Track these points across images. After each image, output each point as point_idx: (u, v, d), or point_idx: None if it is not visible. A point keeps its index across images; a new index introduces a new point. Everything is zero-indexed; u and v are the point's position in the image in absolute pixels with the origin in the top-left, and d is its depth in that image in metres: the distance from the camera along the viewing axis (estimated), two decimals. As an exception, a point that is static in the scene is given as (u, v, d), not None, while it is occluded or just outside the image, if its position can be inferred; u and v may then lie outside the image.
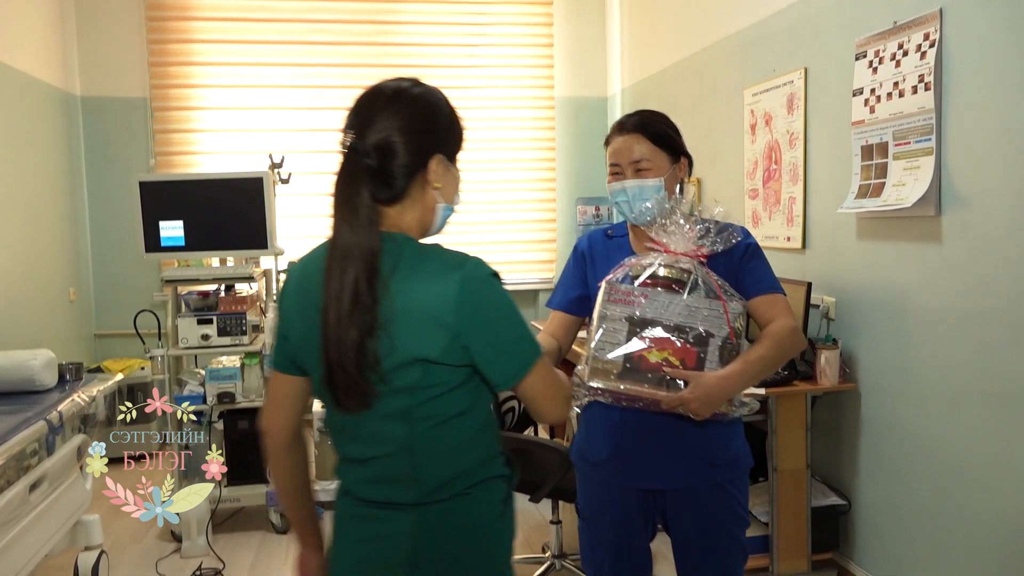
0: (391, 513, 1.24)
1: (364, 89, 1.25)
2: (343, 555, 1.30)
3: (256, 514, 3.70)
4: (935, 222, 2.42)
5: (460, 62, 5.25)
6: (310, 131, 5.07)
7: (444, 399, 1.20)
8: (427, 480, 1.22)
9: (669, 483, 1.76)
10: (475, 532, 1.26)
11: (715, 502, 1.76)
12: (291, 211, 4.92)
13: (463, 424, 1.23)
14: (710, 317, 1.62)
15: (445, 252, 1.22)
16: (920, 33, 2.42)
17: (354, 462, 1.27)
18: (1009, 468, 2.20)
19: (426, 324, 1.15)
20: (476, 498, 1.25)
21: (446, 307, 1.15)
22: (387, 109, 1.21)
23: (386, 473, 1.23)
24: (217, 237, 3.50)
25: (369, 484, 1.26)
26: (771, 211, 3.41)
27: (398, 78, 1.28)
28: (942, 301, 2.42)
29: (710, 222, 1.70)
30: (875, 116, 2.62)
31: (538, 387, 1.24)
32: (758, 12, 3.45)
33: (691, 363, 1.61)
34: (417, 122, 1.22)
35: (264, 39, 4.99)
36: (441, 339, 1.16)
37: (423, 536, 1.22)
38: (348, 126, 1.22)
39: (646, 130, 1.78)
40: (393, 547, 1.23)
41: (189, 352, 3.48)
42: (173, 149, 4.95)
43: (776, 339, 1.67)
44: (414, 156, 1.21)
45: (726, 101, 3.76)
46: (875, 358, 2.76)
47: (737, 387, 1.61)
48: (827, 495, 2.94)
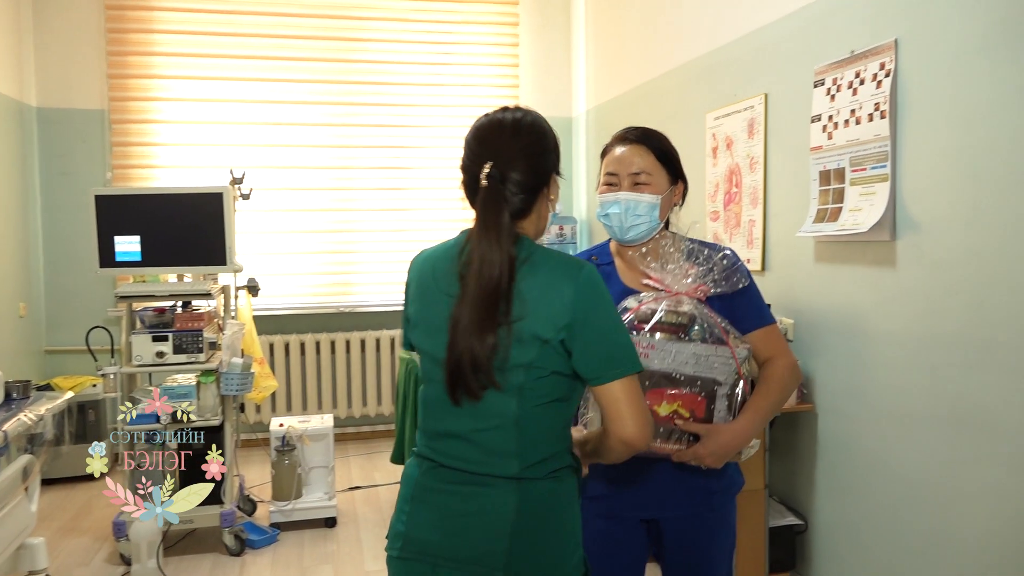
0: (494, 487, 1.35)
1: (481, 121, 1.42)
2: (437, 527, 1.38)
3: (209, 535, 3.62)
4: (890, 247, 2.48)
5: (425, 80, 5.26)
6: (272, 147, 5.04)
7: (551, 380, 1.34)
8: (529, 455, 1.35)
9: (668, 511, 1.73)
10: (565, 512, 1.39)
11: (713, 528, 1.76)
12: (251, 227, 4.89)
13: (561, 409, 1.38)
14: (718, 364, 1.60)
15: (565, 255, 1.40)
16: (876, 62, 2.49)
17: (455, 437, 1.38)
18: (960, 487, 2.25)
19: (547, 309, 1.31)
20: (564, 482, 1.40)
21: (566, 298, 1.31)
22: (513, 140, 1.37)
23: (492, 445, 1.35)
24: (174, 253, 3.46)
25: (473, 457, 1.37)
26: (732, 233, 3.46)
27: (505, 109, 1.43)
28: (896, 325, 2.47)
29: (712, 260, 1.66)
30: (832, 142, 2.69)
31: (625, 397, 1.33)
32: (720, 38, 3.53)
33: (700, 413, 1.60)
34: (538, 148, 1.40)
35: (226, 53, 4.95)
36: (558, 323, 1.31)
37: (524, 508, 1.34)
38: (478, 156, 1.38)
39: (651, 143, 1.74)
40: (498, 519, 1.34)
41: (143, 370, 3.41)
42: (131, 162, 4.87)
43: (781, 383, 1.70)
44: (540, 178, 1.40)
45: (689, 124, 3.83)
46: (832, 380, 2.81)
47: (750, 438, 1.63)
48: (784, 515, 2.98)
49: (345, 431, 5.30)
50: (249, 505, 3.90)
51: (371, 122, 5.21)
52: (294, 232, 5.11)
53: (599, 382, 1.33)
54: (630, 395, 1.33)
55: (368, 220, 5.25)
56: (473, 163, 1.38)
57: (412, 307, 1.47)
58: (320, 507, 3.79)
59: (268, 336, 5.03)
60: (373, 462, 4.88)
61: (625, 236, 1.74)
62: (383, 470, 4.67)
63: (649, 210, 1.71)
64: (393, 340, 5.25)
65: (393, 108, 5.23)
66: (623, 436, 1.34)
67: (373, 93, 5.20)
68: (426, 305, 1.43)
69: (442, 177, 5.31)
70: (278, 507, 3.74)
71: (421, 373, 1.46)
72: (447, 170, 5.31)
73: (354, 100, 5.18)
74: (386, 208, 5.26)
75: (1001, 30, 2.07)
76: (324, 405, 5.18)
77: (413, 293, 1.47)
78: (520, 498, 1.35)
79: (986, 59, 2.12)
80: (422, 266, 1.47)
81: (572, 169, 5.49)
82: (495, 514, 1.35)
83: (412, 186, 5.30)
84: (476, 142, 1.40)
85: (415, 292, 1.46)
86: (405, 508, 1.42)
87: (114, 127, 4.84)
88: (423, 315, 1.43)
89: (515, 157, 1.36)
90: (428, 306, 1.42)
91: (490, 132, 1.40)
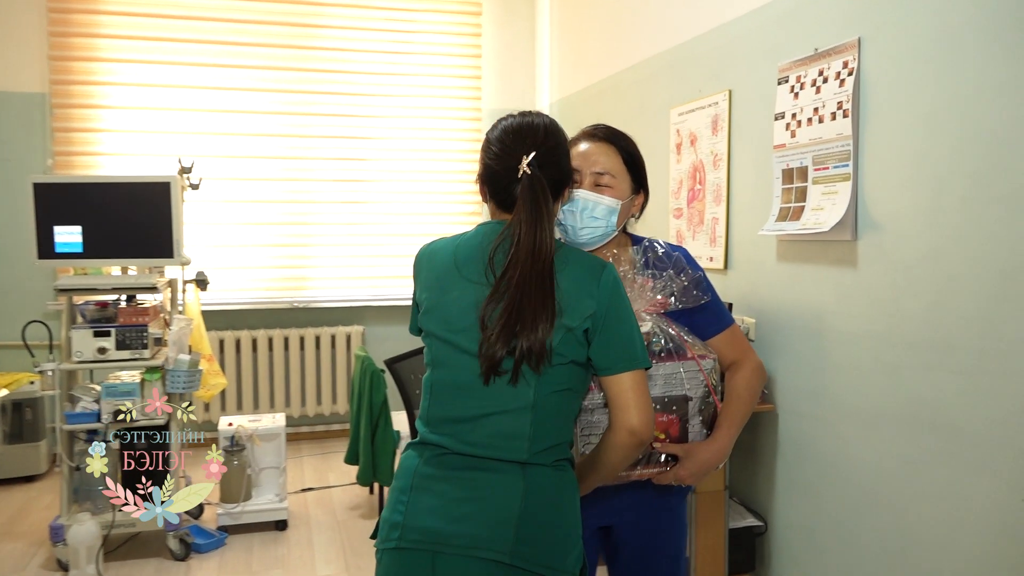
0: (500, 472, 1.40)
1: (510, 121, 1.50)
2: (440, 514, 1.39)
3: (153, 540, 3.55)
4: (851, 247, 2.52)
5: (383, 69, 5.22)
6: (223, 135, 4.96)
7: (568, 369, 1.42)
8: (540, 440, 1.41)
9: (625, 516, 1.74)
10: (568, 502, 1.45)
11: (667, 526, 1.78)
12: (201, 218, 4.81)
13: (571, 399, 1.47)
14: (686, 380, 1.61)
15: (585, 252, 1.51)
16: (839, 61, 2.52)
17: (464, 421, 1.43)
18: (920, 489, 2.30)
19: (576, 299, 1.41)
20: (567, 472, 1.46)
21: (592, 289, 1.42)
22: (546, 139, 1.47)
23: (505, 429, 1.41)
24: (119, 244, 3.38)
25: (481, 440, 1.41)
26: (695, 231, 3.50)
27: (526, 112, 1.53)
28: (857, 325, 2.52)
29: (667, 275, 1.64)
30: (796, 140, 2.72)
31: (634, 388, 1.42)
32: (685, 32, 3.55)
33: (675, 432, 1.61)
34: (563, 148, 1.51)
35: (176, 36, 4.85)
36: (584, 312, 1.41)
37: (531, 494, 1.39)
38: (513, 149, 1.45)
39: (619, 143, 1.71)
40: (505, 504, 1.38)
41: (84, 366, 3.34)
42: (73, 149, 4.75)
43: (751, 389, 1.72)
44: (565, 178, 1.52)
45: (653, 119, 3.85)
46: (793, 380, 2.85)
47: (728, 452, 1.66)
48: (744, 516, 3.01)
49: (298, 431, 5.25)
50: (196, 508, 3.84)
51: (328, 111, 5.15)
52: (246, 224, 5.04)
53: (612, 372, 1.42)
54: (638, 387, 1.43)
55: (324, 212, 5.19)
56: (507, 155, 1.45)
57: (425, 295, 1.51)
58: (270, 509, 3.75)
59: (218, 332, 4.95)
60: (327, 463, 4.84)
61: (576, 237, 1.67)
62: (337, 471, 4.63)
63: (607, 214, 1.66)
64: (349, 336, 5.21)
65: (351, 97, 5.18)
66: (630, 424, 1.41)
67: (330, 81, 5.14)
68: (445, 292, 1.47)
69: (401, 169, 5.28)
70: (226, 509, 3.68)
71: (431, 358, 1.50)
72: (406, 162, 5.28)
73: (310, 88, 5.11)
74: (343, 200, 5.20)
75: (965, 30, 2.11)
76: (276, 404, 5.12)
77: (426, 281, 1.52)
78: (527, 484, 1.39)
79: (949, 59, 2.16)
80: (438, 255, 1.52)
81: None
82: (503, 498, 1.38)
83: (370, 178, 5.25)
84: (511, 137, 1.47)
85: (430, 280, 1.51)
86: (402, 499, 1.44)
87: (56, 112, 4.71)
88: (440, 301, 1.47)
89: (551, 154, 1.46)
90: (447, 293, 1.46)
91: (526, 129, 1.48)
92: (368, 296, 5.26)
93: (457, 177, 5.41)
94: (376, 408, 3.69)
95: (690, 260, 1.73)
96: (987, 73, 2.05)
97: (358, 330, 5.23)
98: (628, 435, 1.42)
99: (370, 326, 5.30)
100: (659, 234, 3.74)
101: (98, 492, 3.41)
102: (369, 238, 5.25)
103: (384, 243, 5.27)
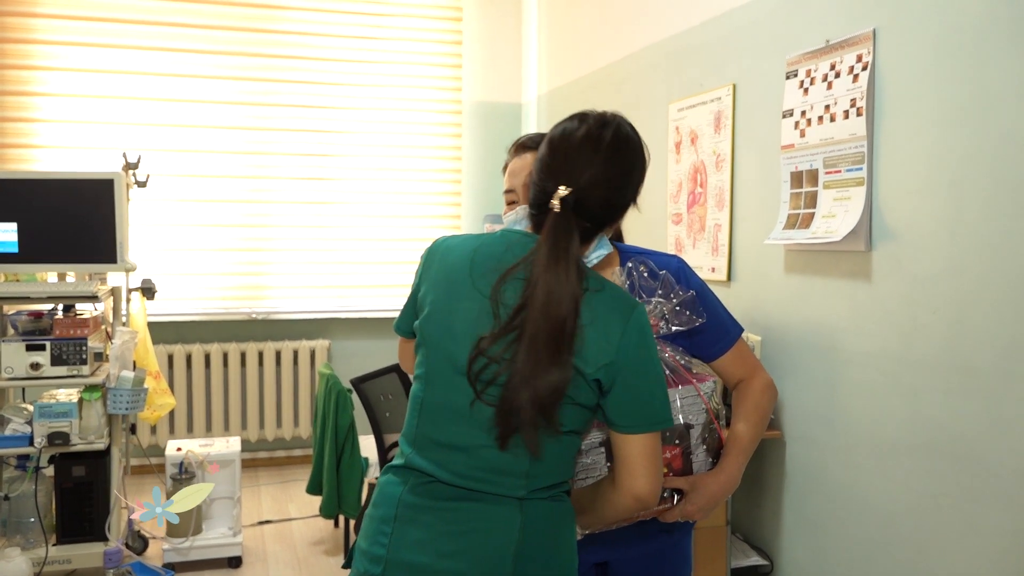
0: (496, 504, 1.39)
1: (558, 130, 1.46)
2: (429, 548, 1.38)
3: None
4: (865, 258, 2.54)
5: (355, 56, 5.22)
6: (175, 127, 4.94)
7: (574, 410, 1.39)
8: (539, 477, 1.40)
9: (624, 552, 1.75)
10: (565, 533, 1.45)
11: (667, 566, 1.78)
12: (148, 220, 4.78)
13: (574, 441, 1.45)
14: (685, 406, 1.61)
15: (619, 289, 1.44)
16: (853, 54, 2.55)
17: (456, 449, 1.41)
18: (937, 526, 2.31)
19: (593, 344, 1.36)
20: (564, 502, 1.46)
21: (613, 336, 1.36)
22: (592, 160, 1.40)
23: (501, 464, 1.39)
24: (55, 248, 3.36)
25: (477, 475, 1.39)
26: (695, 238, 3.51)
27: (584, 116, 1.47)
28: (871, 344, 2.53)
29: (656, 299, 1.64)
30: (805, 140, 2.74)
31: (646, 452, 1.39)
32: (686, 20, 3.58)
33: (678, 465, 1.61)
34: (621, 178, 1.44)
35: (123, 17, 4.83)
36: (599, 360, 1.36)
37: (529, 528, 1.39)
38: (550, 173, 1.41)
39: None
40: (502, 538, 1.37)
41: (15, 383, 3.30)
42: (6, 141, 4.71)
43: (760, 411, 1.71)
44: (616, 212, 1.46)
45: (650, 115, 3.87)
46: (801, 403, 2.86)
47: (737, 481, 1.65)
48: (748, 554, 3.02)
49: (255, 456, 5.22)
50: (139, 542, 3.80)
51: (292, 102, 5.14)
52: (199, 226, 5.01)
53: (626, 431, 1.39)
54: (652, 450, 1.40)
55: (286, 214, 5.17)
56: (543, 179, 1.42)
57: (430, 293, 1.47)
58: (223, 544, 3.71)
59: (166, 346, 4.92)
60: (287, 492, 4.81)
61: None
62: (298, 501, 4.60)
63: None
64: (313, 352, 5.19)
65: (317, 86, 5.17)
66: (636, 491, 1.40)
67: (295, 69, 5.13)
68: (454, 299, 1.43)
69: (373, 167, 5.27)
70: (173, 545, 3.65)
71: (424, 371, 1.46)
72: (379, 159, 5.27)
73: (272, 76, 5.10)
74: (307, 201, 5.19)
75: (987, 23, 2.14)
76: (231, 426, 5.09)
77: (435, 278, 1.48)
78: (524, 518, 1.39)
79: (971, 54, 2.18)
80: (454, 253, 1.47)
81: (520, 161, 5.46)
82: (499, 532, 1.38)
83: (338, 176, 5.24)
84: (550, 155, 1.43)
85: (439, 279, 1.47)
86: (385, 529, 1.42)
87: (-13, 99, 4.68)
88: (446, 308, 1.44)
89: (594, 183, 1.40)
90: (456, 301, 1.43)
91: (567, 146, 1.42)
92: (335, 308, 5.24)
93: (434, 176, 5.41)
94: (342, 432, 3.67)
95: (683, 273, 1.72)
96: (1012, 69, 2.07)
97: (323, 345, 5.21)
98: (632, 500, 1.41)
99: (337, 340, 5.29)
100: (656, 242, 3.75)
101: (29, 524, 3.38)
102: (336, 242, 5.23)
103: (353, 248, 5.25)
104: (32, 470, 3.34)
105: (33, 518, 3.37)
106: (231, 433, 5.06)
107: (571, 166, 1.40)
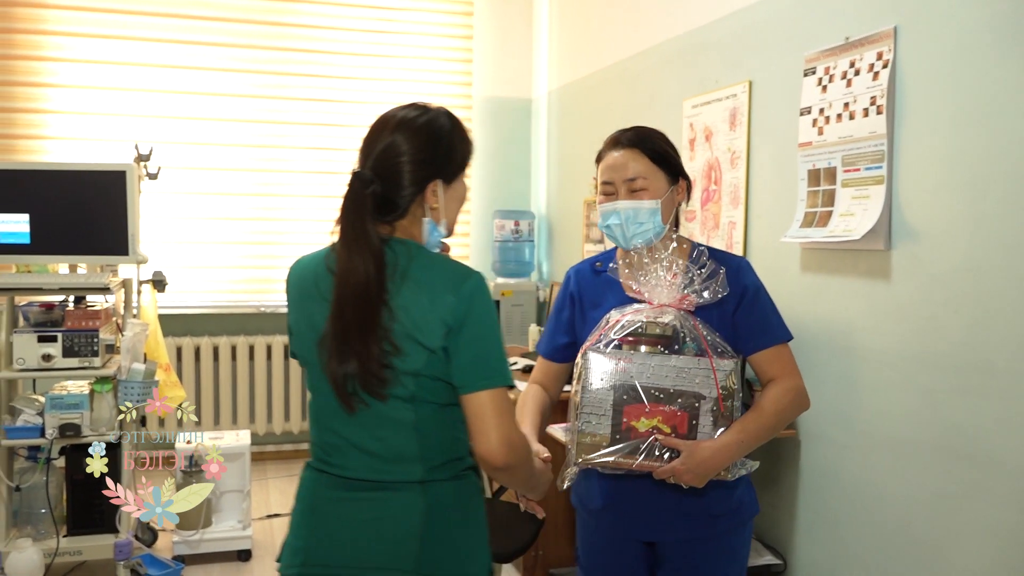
0: (399, 491, 1.48)
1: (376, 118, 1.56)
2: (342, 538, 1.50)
3: (100, 569, 3.52)
4: (884, 257, 2.52)
5: (366, 49, 5.22)
6: (186, 119, 4.95)
7: (441, 386, 1.46)
8: (432, 457, 1.49)
9: (667, 535, 1.83)
10: (472, 512, 1.55)
11: (715, 556, 1.84)
12: (159, 212, 4.78)
13: (456, 413, 1.48)
14: (700, 378, 1.69)
15: (454, 263, 1.50)
16: (873, 52, 2.53)
17: (352, 447, 1.50)
18: (954, 527, 2.30)
19: (430, 318, 1.43)
20: (469, 481, 1.55)
21: (447, 306, 1.43)
22: (391, 138, 1.51)
23: (393, 452, 1.48)
24: (67, 239, 3.35)
25: (374, 465, 1.49)
26: (709, 236, 3.50)
27: (408, 106, 1.59)
28: (889, 343, 2.52)
29: (694, 269, 1.76)
30: (823, 138, 2.73)
31: (491, 410, 1.43)
32: (702, 16, 3.56)
33: (683, 429, 1.69)
34: (418, 152, 1.51)
35: (134, 8, 4.83)
36: (439, 331, 1.43)
37: (432, 510, 1.48)
38: (360, 153, 1.53)
39: (643, 145, 1.86)
40: (406, 523, 1.47)
41: (26, 375, 3.30)
42: (16, 132, 4.71)
43: (777, 407, 1.79)
44: (414, 184, 1.51)
45: (664, 112, 3.85)
46: (817, 403, 2.83)
47: (732, 458, 1.71)
48: (762, 554, 3.01)
49: (264, 449, 5.22)
50: (149, 535, 3.81)
51: (303, 95, 5.14)
52: (209, 219, 5.02)
53: (466, 391, 1.45)
54: (497, 408, 1.44)
55: (296, 207, 5.18)
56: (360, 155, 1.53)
57: (292, 316, 1.59)
58: (233, 537, 3.73)
59: (176, 339, 4.93)
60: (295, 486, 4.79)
61: (630, 245, 1.86)
62: (306, 495, 4.59)
63: (650, 216, 1.83)
64: (321, 346, 5.18)
65: (329, 80, 5.17)
66: (482, 452, 1.44)
67: (306, 62, 5.13)
68: (307, 314, 1.54)
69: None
70: (183, 537, 3.66)
71: (309, 383, 1.58)
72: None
73: (284, 69, 5.10)
74: (318, 195, 5.18)
75: (1012, 20, 2.12)
76: (240, 420, 5.09)
77: (293, 300, 1.60)
78: (427, 501, 1.48)
79: (995, 52, 2.17)
80: (302, 272, 1.59)
81: (531, 158, 5.49)
82: (403, 518, 1.48)
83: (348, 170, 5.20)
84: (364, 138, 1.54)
85: (295, 299, 1.59)
86: (303, 522, 1.56)
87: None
88: (304, 323, 1.55)
89: (389, 158, 1.50)
90: (309, 315, 1.53)
91: (373, 129, 1.55)
92: (344, 301, 5.23)
93: (444, 171, 5.38)
94: (352, 426, 3.67)
95: (741, 271, 1.87)
96: (1038, 69, 2.06)
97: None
98: (481, 462, 1.46)
99: (345, 334, 5.27)
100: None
101: (40, 515, 3.38)
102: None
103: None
104: (43, 461, 3.34)
105: (44, 509, 3.37)
106: (240, 426, 5.06)
107: (371, 146, 1.53)
